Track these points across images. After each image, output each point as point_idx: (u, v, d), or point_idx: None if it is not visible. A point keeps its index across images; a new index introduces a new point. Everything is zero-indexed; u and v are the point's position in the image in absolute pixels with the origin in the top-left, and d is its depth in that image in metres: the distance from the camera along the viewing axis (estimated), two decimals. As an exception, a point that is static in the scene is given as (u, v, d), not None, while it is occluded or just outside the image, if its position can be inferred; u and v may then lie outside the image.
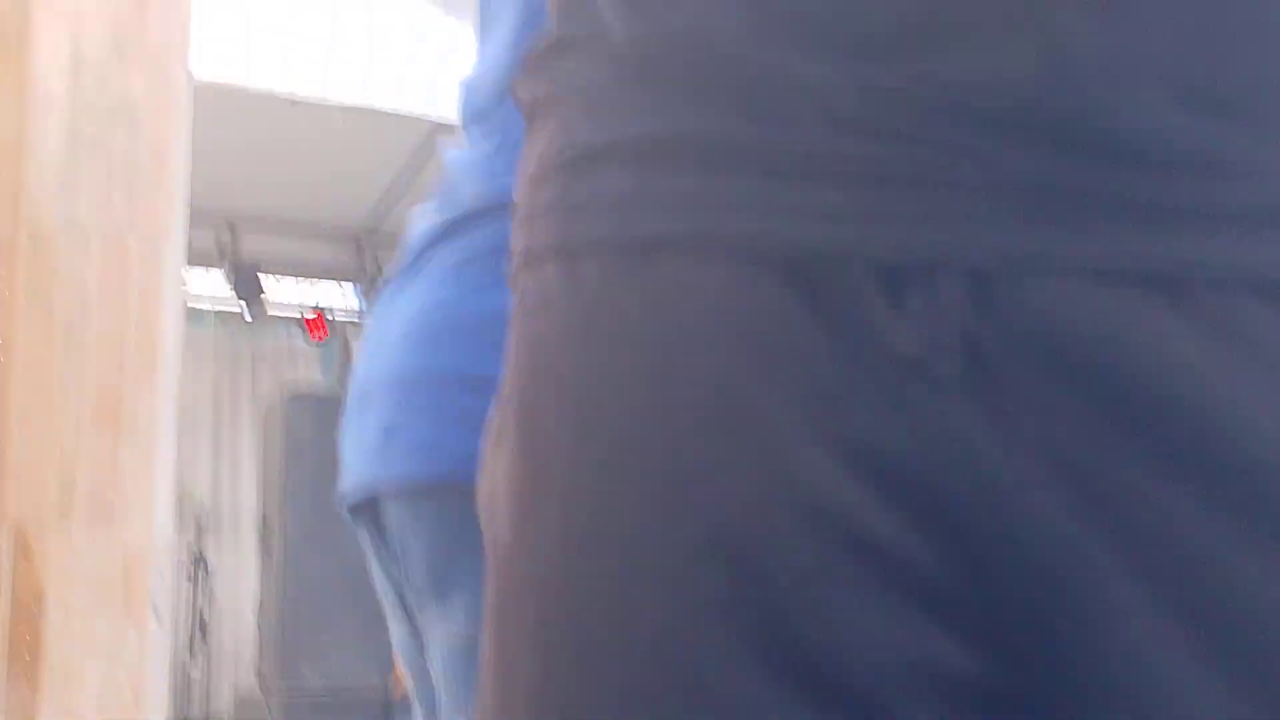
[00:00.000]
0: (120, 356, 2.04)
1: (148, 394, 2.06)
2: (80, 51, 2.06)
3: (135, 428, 2.04)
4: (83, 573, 1.98)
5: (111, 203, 2.06)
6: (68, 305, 2.01)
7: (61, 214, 2.02)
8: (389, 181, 7.37)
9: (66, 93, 2.04)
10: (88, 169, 2.05)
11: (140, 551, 2.03)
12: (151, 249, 2.09)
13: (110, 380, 2.03)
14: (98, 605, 1.99)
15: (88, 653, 1.97)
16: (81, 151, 2.05)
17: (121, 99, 2.09)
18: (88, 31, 2.07)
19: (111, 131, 2.08)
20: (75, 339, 2.00)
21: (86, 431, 1.99)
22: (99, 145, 2.06)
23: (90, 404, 2.01)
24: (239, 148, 6.08)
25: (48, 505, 1.97)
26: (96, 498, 2.00)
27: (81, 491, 1.99)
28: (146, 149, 2.11)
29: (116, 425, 2.02)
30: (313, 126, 5.56)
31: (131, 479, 2.02)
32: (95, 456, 2.00)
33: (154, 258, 2.09)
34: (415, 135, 6.70)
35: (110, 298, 2.04)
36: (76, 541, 1.98)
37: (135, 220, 2.08)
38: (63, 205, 2.02)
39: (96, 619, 1.99)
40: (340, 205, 7.74)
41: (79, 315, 2.01)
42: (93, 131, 2.06)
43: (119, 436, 2.02)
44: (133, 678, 2.00)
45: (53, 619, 1.96)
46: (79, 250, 2.02)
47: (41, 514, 1.96)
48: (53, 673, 1.95)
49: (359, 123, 5.18)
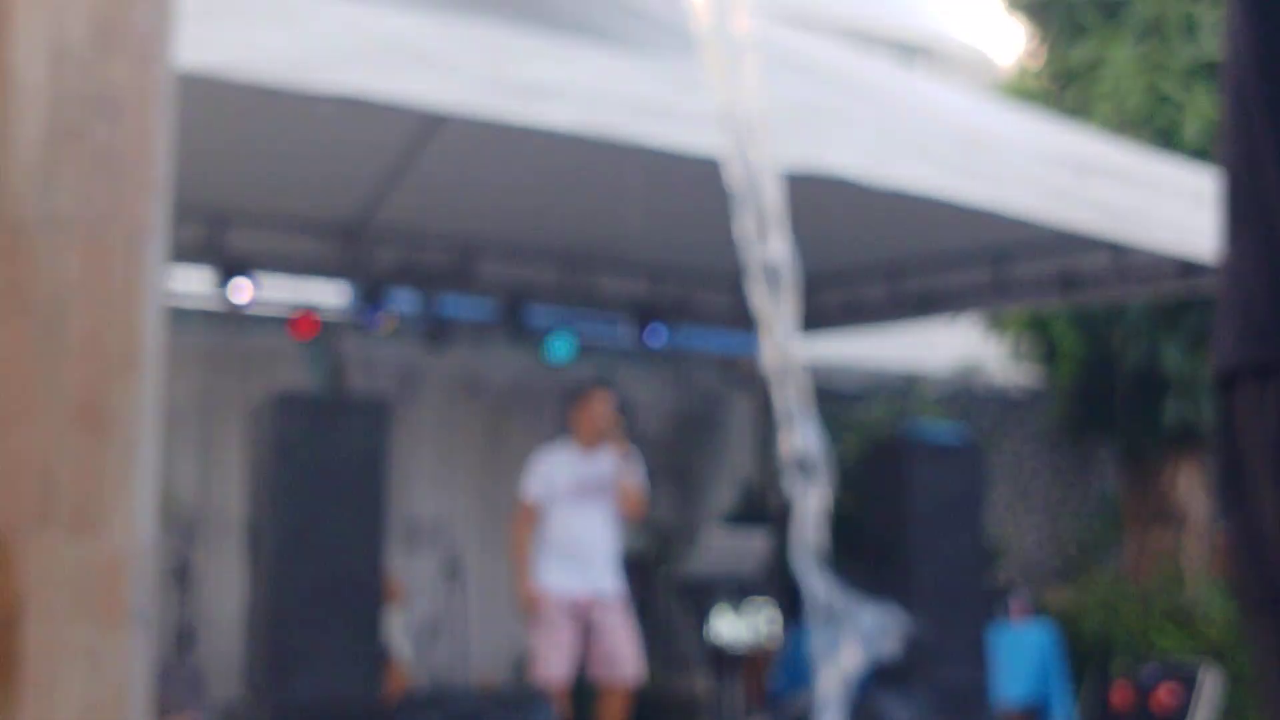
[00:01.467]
0: (102, 356, 1.95)
1: (131, 394, 1.98)
2: (61, 40, 1.97)
3: (117, 429, 1.96)
4: (63, 580, 1.90)
5: (93, 196, 1.98)
6: (47, 302, 1.93)
7: (41, 208, 1.93)
8: (379, 175, 7.31)
9: (47, 82, 1.95)
10: (68, 161, 1.96)
11: (123, 557, 1.95)
12: (135, 244, 2.01)
13: (91, 380, 1.94)
14: (79, 613, 1.91)
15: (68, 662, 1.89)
16: (62, 143, 1.96)
17: (104, 89, 2.01)
18: (69, 19, 1.98)
19: (93, 123, 1.99)
20: (55, 337, 1.92)
21: (66, 434, 1.91)
22: (80, 137, 1.98)
23: (71, 405, 1.92)
24: (225, 140, 6.00)
25: (26, 510, 1.88)
26: (77, 502, 1.92)
27: (61, 496, 1.90)
28: (130, 141, 2.02)
29: (98, 427, 1.94)
30: (301, 119, 5.49)
31: (114, 482, 1.94)
32: (76, 459, 1.92)
33: (137, 254, 2.01)
34: (406, 128, 6.64)
35: (92, 295, 1.96)
36: (56, 547, 1.89)
37: (118, 214, 1.99)
38: (42, 199, 1.94)
39: (77, 627, 1.90)
40: (329, 199, 7.67)
41: (59, 313, 1.93)
42: (74, 122, 1.97)
43: (100, 439, 1.94)
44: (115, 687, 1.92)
45: (32, 627, 1.87)
46: (59, 245, 1.94)
47: (20, 519, 1.88)
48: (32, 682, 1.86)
49: (348, 115, 5.11)
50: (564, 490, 6.96)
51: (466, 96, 4.73)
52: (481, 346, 9.15)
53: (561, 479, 6.98)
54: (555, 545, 6.93)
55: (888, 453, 7.94)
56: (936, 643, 7.36)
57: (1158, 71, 8.66)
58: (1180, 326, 8.90)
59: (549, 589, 6.90)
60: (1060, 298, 8.30)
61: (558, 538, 6.94)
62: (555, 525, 6.95)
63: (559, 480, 6.97)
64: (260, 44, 4.28)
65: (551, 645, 6.83)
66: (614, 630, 6.96)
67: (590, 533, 6.99)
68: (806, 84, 5.98)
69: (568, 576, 6.90)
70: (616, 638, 6.95)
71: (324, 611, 6.18)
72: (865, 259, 8.64)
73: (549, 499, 6.96)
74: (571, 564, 6.92)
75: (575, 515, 6.97)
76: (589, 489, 7.01)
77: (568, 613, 6.89)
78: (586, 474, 7.02)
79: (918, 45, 16.92)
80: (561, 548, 6.92)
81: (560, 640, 6.84)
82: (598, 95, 4.96)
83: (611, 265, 8.78)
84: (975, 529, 7.77)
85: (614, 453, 7.10)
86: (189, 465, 8.25)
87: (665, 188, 6.82)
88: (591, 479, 7.02)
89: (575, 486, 6.98)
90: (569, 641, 6.86)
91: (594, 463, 7.06)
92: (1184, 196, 6.56)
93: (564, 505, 6.96)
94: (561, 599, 6.88)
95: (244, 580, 6.80)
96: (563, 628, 6.86)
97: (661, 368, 9.84)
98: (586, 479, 7.01)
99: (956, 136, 5.92)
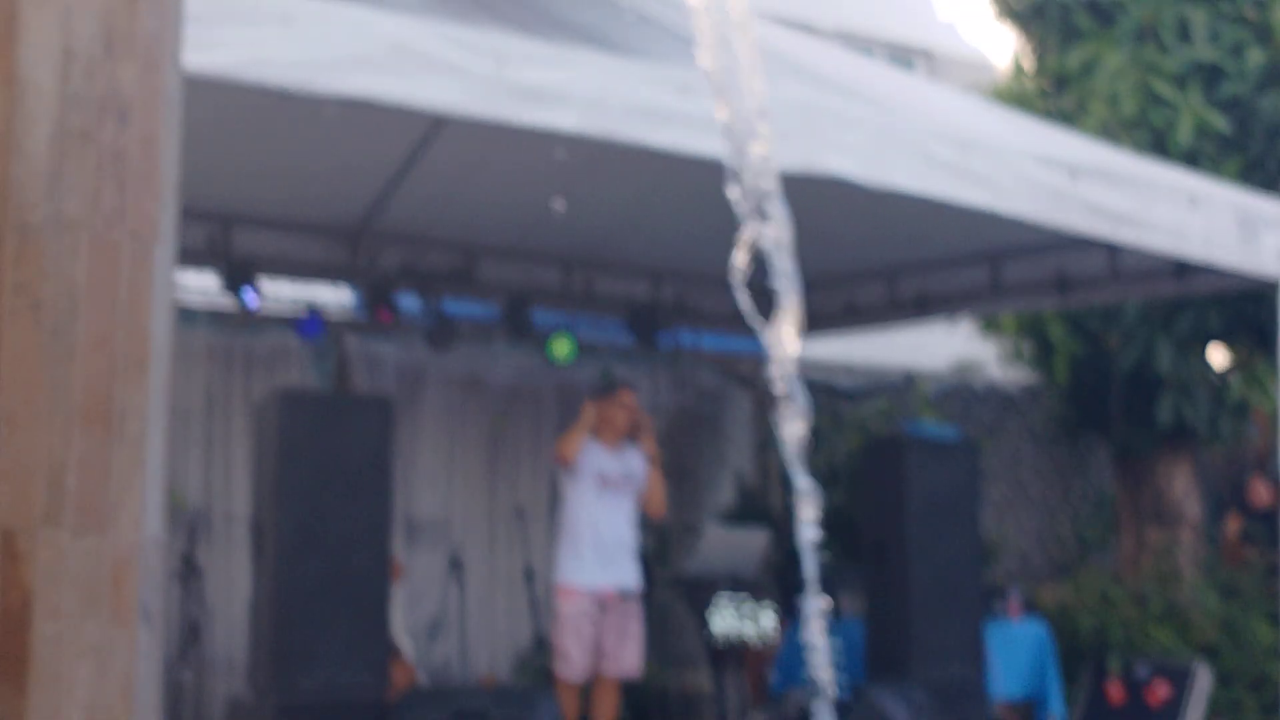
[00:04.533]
0: (110, 356, 2.00)
1: (138, 394, 2.02)
2: (69, 43, 2.02)
3: (125, 429, 2.00)
4: (71, 577, 1.94)
5: (101, 198, 2.02)
6: (56, 303, 1.97)
7: (49, 210, 1.98)
8: (383, 178, 7.34)
9: (55, 86, 2.00)
10: (76, 164, 2.01)
11: (130, 555, 1.99)
12: (142, 246, 2.05)
13: (99, 380, 1.98)
14: (87, 610, 1.95)
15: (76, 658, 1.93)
16: (70, 146, 2.01)
17: (111, 92, 2.05)
18: (77, 23, 2.03)
19: (101, 125, 2.03)
20: (63, 338, 1.96)
21: (75, 433, 1.95)
22: (88, 139, 2.02)
23: (79, 405, 1.97)
24: (231, 143, 6.04)
25: (35, 508, 1.93)
26: (85, 500, 1.96)
27: (70, 494, 1.95)
28: (137, 144, 2.06)
29: (106, 426, 1.98)
30: (305, 122, 5.52)
31: (121, 481, 1.98)
32: (84, 458, 1.96)
33: (144, 255, 2.05)
34: (409, 131, 6.68)
35: (100, 296, 2.00)
36: (65, 545, 1.94)
37: (125, 216, 2.04)
38: (51, 201, 1.98)
39: (85, 624, 1.95)
40: (334, 202, 7.71)
41: (67, 314, 1.97)
42: (82, 125, 2.02)
43: (108, 438, 1.98)
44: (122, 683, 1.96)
45: (41, 624, 1.92)
46: (67, 247, 1.98)
47: (29, 517, 1.92)
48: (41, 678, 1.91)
49: (352, 118, 5.15)
50: (588, 478, 7.00)
51: (469, 100, 4.77)
52: (483, 347, 9.18)
53: (588, 467, 7.01)
54: (578, 538, 6.96)
55: (885, 451, 7.97)
56: (932, 639, 7.40)
57: (1151, 74, 8.69)
58: (1175, 327, 8.94)
59: (574, 585, 6.93)
60: (1056, 299, 8.34)
61: (581, 530, 6.97)
62: (579, 517, 6.99)
63: (585, 467, 7.01)
64: (265, 47, 4.32)
65: (575, 642, 6.85)
66: (627, 627, 7.01)
67: (614, 528, 7.03)
68: (805, 87, 6.02)
69: (592, 571, 6.93)
70: (628, 634, 7.00)
71: (329, 608, 6.22)
72: (863, 261, 8.68)
73: (578, 475, 6.98)
74: (595, 558, 6.95)
75: (600, 508, 7.01)
76: (612, 483, 7.06)
77: (592, 608, 6.91)
78: (610, 469, 7.07)
79: (915, 49, 16.95)
80: (585, 540, 6.95)
81: (584, 636, 6.87)
82: (599, 98, 5.00)
83: (612, 267, 8.82)
84: (971, 526, 7.80)
85: (641, 451, 7.17)
86: (196, 464, 8.29)
87: (666, 190, 6.86)
88: (615, 475, 7.08)
89: (598, 479, 7.03)
90: (591, 636, 6.89)
91: (619, 460, 7.12)
92: (1178, 198, 6.60)
93: (587, 497, 6.99)
94: (586, 594, 6.91)
95: (249, 577, 6.83)
96: (587, 624, 6.88)
97: (661, 368, 9.87)
98: (610, 474, 7.07)
99: (953, 139, 5.96)
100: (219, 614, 7.88)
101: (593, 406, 7.12)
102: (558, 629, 6.94)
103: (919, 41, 17.03)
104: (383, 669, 6.44)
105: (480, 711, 6.27)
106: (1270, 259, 6.88)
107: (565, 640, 6.87)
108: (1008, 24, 9.84)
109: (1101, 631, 8.44)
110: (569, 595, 6.92)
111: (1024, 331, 9.93)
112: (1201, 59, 8.71)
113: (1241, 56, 8.70)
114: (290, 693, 6.17)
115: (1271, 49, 8.69)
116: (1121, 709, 8.10)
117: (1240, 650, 8.38)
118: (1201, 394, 9.31)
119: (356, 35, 4.54)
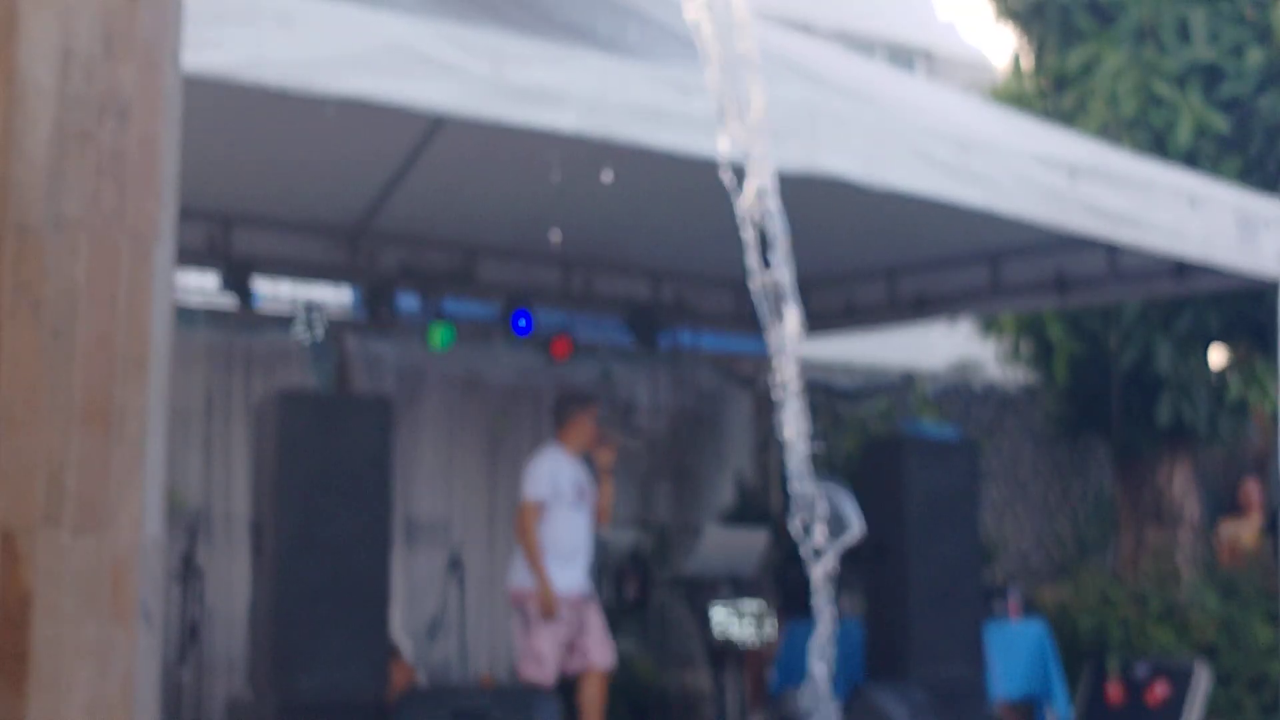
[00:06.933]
0: (109, 356, 1.99)
1: (137, 394, 2.02)
2: (69, 44, 2.01)
3: (125, 429, 1.99)
4: (71, 577, 1.94)
5: (100, 199, 2.01)
6: (56, 304, 1.97)
7: (49, 210, 1.97)
8: (382, 178, 7.34)
9: (54, 86, 1.99)
10: (76, 164, 2.00)
11: (129, 555, 1.99)
12: (141, 246, 2.05)
13: (99, 380, 1.98)
14: (86, 610, 1.95)
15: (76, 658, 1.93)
16: (70, 146, 2.00)
17: (111, 92, 2.04)
18: (77, 23, 2.02)
19: (101, 125, 2.03)
20: (63, 338, 1.95)
21: (75, 433, 1.95)
22: (88, 140, 2.01)
23: (79, 405, 1.96)
24: (230, 143, 6.04)
25: (35, 508, 1.92)
26: (85, 500, 1.96)
27: (70, 494, 1.94)
28: (136, 144, 2.06)
29: (105, 426, 1.98)
30: (305, 122, 5.52)
31: (121, 481, 1.98)
32: (84, 458, 1.96)
33: (144, 255, 2.04)
34: (408, 132, 6.68)
35: (99, 296, 2.00)
36: (64, 545, 1.93)
37: (125, 217, 2.03)
38: (50, 201, 1.97)
39: (85, 624, 1.94)
40: (333, 202, 7.71)
41: (67, 314, 1.96)
42: (82, 125, 2.01)
43: (108, 438, 1.98)
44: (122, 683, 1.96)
45: (40, 624, 1.91)
46: (67, 247, 1.98)
47: (29, 517, 1.92)
48: (40, 678, 1.90)
49: (351, 118, 5.14)
50: (567, 493, 7.09)
51: (468, 100, 4.77)
52: (482, 347, 9.18)
53: (564, 481, 7.09)
54: (554, 546, 7.03)
55: (885, 450, 7.97)
56: (932, 639, 7.40)
57: (1151, 74, 8.70)
58: (1174, 327, 8.95)
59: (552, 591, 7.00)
60: (1055, 299, 8.34)
61: (558, 539, 7.05)
62: (556, 527, 7.06)
63: (562, 482, 7.09)
64: (264, 47, 4.32)
65: (549, 645, 6.91)
66: (595, 624, 7.12)
67: (581, 534, 7.18)
68: (805, 87, 6.02)
69: (564, 577, 7.02)
70: (597, 630, 7.12)
71: (329, 608, 6.22)
72: (863, 261, 8.68)
73: (552, 499, 7.05)
74: (566, 564, 7.05)
75: (573, 517, 7.10)
76: (583, 493, 7.16)
77: (565, 612, 6.98)
78: (581, 479, 7.16)
79: (915, 49, 16.96)
80: (559, 549, 7.03)
81: (558, 639, 6.93)
82: (598, 99, 5.00)
83: (612, 266, 8.82)
84: (971, 526, 7.80)
85: (599, 462, 7.31)
86: (195, 464, 8.29)
87: (666, 190, 6.86)
88: (585, 484, 7.17)
89: (575, 490, 7.11)
90: (563, 640, 6.96)
91: (584, 469, 7.21)
92: (1178, 198, 6.60)
93: (563, 508, 7.08)
94: (561, 600, 6.97)
95: (249, 577, 6.83)
96: (560, 627, 6.95)
97: (661, 368, 9.87)
98: (582, 484, 7.16)
99: (953, 140, 5.96)
100: (219, 614, 7.87)
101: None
102: (529, 633, 6.97)
103: (919, 41, 17.04)
104: (382, 669, 6.44)
105: (479, 711, 6.27)
106: (1269, 259, 6.88)
107: (540, 643, 6.90)
108: (1007, 24, 9.85)
109: (1101, 631, 8.44)
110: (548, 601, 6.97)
111: (1023, 331, 9.94)
112: (1201, 59, 8.72)
113: (1241, 57, 8.71)
114: (290, 693, 6.16)
115: (1271, 49, 8.70)
116: (1121, 709, 8.10)
117: (1239, 650, 8.39)
118: (1201, 394, 9.31)
119: (355, 35, 4.54)
